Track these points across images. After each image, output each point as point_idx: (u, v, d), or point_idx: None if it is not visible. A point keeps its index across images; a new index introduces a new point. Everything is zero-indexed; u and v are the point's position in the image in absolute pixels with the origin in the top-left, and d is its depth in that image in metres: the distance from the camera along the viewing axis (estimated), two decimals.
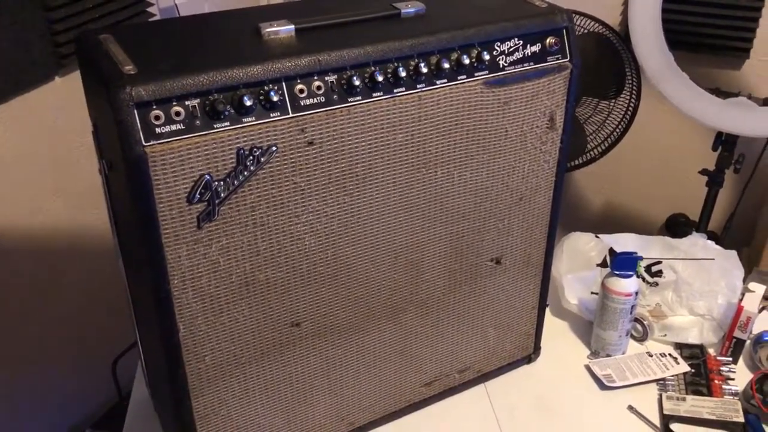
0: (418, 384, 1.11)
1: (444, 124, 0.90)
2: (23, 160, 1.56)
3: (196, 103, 0.73)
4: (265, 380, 0.94)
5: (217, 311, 0.85)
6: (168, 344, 0.84)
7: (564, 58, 0.96)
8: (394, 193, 0.91)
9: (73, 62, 1.56)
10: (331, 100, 0.81)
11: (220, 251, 0.81)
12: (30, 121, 1.53)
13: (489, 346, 1.15)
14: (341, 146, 0.83)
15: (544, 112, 0.98)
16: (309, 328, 0.93)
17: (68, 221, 1.65)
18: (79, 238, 1.68)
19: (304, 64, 0.78)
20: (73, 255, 1.69)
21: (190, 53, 0.80)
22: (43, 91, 1.53)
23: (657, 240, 1.45)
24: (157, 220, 0.75)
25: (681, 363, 1.21)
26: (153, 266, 0.78)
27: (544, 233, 1.10)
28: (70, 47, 1.53)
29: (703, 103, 1.38)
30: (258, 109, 0.77)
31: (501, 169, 0.99)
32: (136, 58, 0.75)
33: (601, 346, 1.24)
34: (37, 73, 1.50)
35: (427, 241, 0.98)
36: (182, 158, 0.74)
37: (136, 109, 0.70)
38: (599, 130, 1.67)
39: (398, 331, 1.03)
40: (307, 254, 0.88)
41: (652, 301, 1.32)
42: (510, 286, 1.11)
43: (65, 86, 1.59)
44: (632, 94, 1.61)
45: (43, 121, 1.56)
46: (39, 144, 1.57)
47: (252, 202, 0.80)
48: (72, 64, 1.57)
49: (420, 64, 0.85)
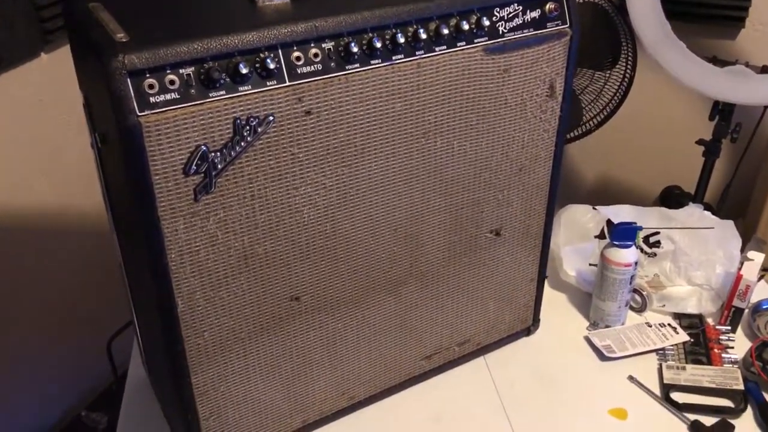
0: (418, 357, 1.10)
1: (443, 92, 0.88)
2: (10, 138, 1.53)
3: (190, 71, 0.71)
4: (264, 355, 0.92)
5: (215, 286, 0.83)
6: (166, 320, 0.82)
7: (564, 24, 0.94)
8: (394, 163, 0.89)
9: (59, 38, 1.53)
10: (328, 68, 0.79)
11: (218, 224, 0.80)
12: (16, 99, 1.50)
13: (489, 319, 1.15)
14: (339, 116, 0.82)
15: (544, 80, 0.96)
16: (309, 302, 0.92)
17: (57, 200, 1.62)
18: (68, 217, 1.66)
19: (301, 30, 0.76)
20: (63, 234, 1.66)
21: (183, 21, 0.78)
22: (28, 68, 1.50)
23: (654, 211, 1.44)
24: (153, 193, 0.74)
25: (680, 333, 1.21)
26: (149, 240, 0.76)
27: (543, 204, 1.09)
28: (56, 22, 1.50)
29: (700, 72, 1.37)
30: (254, 77, 0.75)
31: (501, 139, 0.97)
32: (127, 25, 0.73)
33: (600, 317, 1.24)
34: (22, 50, 1.46)
35: (427, 213, 0.96)
36: (178, 128, 0.72)
37: (129, 78, 0.68)
38: (595, 102, 1.66)
39: (398, 304, 1.02)
40: (305, 227, 0.86)
41: (650, 271, 1.32)
42: (509, 257, 1.10)
43: (51, 62, 1.55)
44: (627, 64, 1.59)
45: (29, 99, 1.53)
46: (26, 122, 1.54)
47: (249, 174, 0.79)
48: (58, 40, 1.53)
49: (419, 30, 0.83)
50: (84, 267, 1.70)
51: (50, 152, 1.61)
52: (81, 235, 1.67)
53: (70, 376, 1.79)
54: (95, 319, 1.61)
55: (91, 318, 1.72)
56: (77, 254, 1.70)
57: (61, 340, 1.74)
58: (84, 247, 1.69)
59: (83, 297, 1.74)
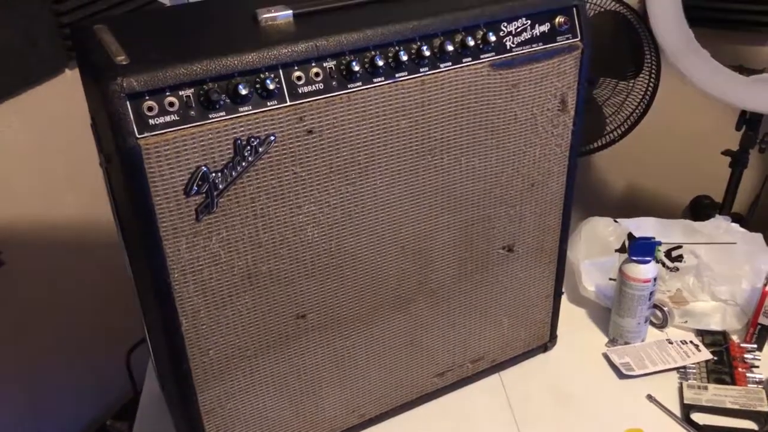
0: (430, 374, 1.09)
1: (449, 109, 0.87)
2: (36, 153, 1.56)
3: (190, 92, 0.72)
4: (272, 373, 0.92)
5: (219, 304, 0.83)
6: (171, 339, 0.83)
7: (575, 37, 0.93)
8: (399, 181, 0.88)
9: None
10: (330, 87, 0.78)
11: (221, 244, 0.80)
12: (41, 115, 1.53)
13: (503, 335, 1.13)
14: (342, 134, 0.81)
15: (555, 94, 0.95)
16: (315, 320, 0.92)
17: (82, 215, 1.65)
18: (92, 232, 1.68)
19: (301, 50, 0.76)
20: (87, 248, 1.69)
21: (184, 42, 0.79)
22: (53, 84, 1.53)
23: (678, 223, 1.41)
24: (155, 214, 0.74)
25: (703, 350, 1.18)
26: (152, 260, 0.77)
27: (557, 219, 1.07)
28: None
29: (725, 81, 1.33)
30: (254, 97, 0.75)
31: (511, 154, 0.96)
32: (129, 48, 0.73)
33: (619, 333, 1.21)
34: (46, 66, 1.49)
35: (436, 230, 0.95)
36: (177, 150, 0.72)
37: (128, 101, 0.69)
38: (618, 112, 1.63)
39: (408, 322, 1.01)
40: (310, 245, 0.86)
41: (673, 286, 1.29)
42: (523, 273, 1.09)
43: (75, 78, 1.57)
44: (651, 74, 1.56)
45: (53, 114, 1.56)
46: (50, 137, 1.57)
47: (251, 194, 0.79)
48: None
49: (422, 47, 0.82)
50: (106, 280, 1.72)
51: (75, 167, 1.64)
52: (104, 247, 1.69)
53: (93, 386, 1.82)
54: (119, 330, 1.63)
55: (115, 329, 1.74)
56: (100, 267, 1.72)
57: (88, 350, 1.77)
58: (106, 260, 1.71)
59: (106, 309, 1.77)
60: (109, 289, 1.74)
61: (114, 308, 1.76)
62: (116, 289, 1.75)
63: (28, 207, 1.57)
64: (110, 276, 1.73)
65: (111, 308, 1.76)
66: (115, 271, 1.74)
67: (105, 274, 1.72)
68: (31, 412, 1.69)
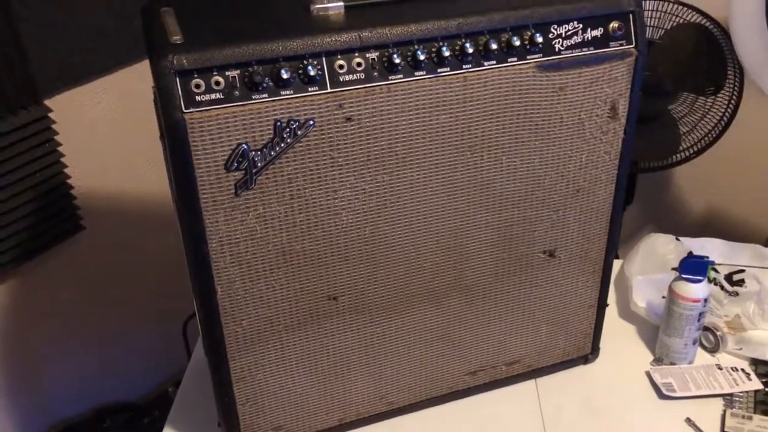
0: (461, 372, 1.09)
1: (491, 107, 0.88)
2: (121, 130, 1.67)
3: (236, 73, 0.76)
4: (301, 349, 0.96)
5: (254, 277, 0.88)
6: (206, 305, 0.88)
7: (629, 44, 0.91)
8: (437, 174, 0.90)
9: None
10: (371, 77, 0.81)
11: (257, 219, 0.84)
12: (128, 94, 1.64)
13: (541, 342, 1.12)
14: (380, 124, 0.84)
15: (605, 101, 0.94)
16: (346, 303, 0.95)
17: (157, 188, 1.75)
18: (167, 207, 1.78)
19: (345, 39, 0.79)
20: (160, 222, 1.79)
21: (237, 26, 0.83)
22: (141, 65, 1.63)
23: (747, 248, 1.35)
24: (197, 185, 0.79)
25: (753, 380, 1.13)
26: (192, 229, 0.82)
27: (604, 228, 1.05)
28: None
29: None
30: (296, 82, 0.78)
31: (555, 158, 0.95)
32: (186, 29, 0.79)
33: (665, 352, 1.17)
34: (136, 48, 1.59)
35: (472, 227, 0.96)
36: (220, 126, 0.77)
37: (177, 77, 0.74)
38: (694, 129, 1.57)
39: (441, 316, 1.02)
40: (344, 229, 0.89)
41: (731, 311, 1.23)
42: (564, 280, 1.07)
43: None
44: (733, 92, 1.50)
45: (140, 94, 1.66)
46: (135, 116, 1.68)
47: (289, 174, 0.82)
48: None
49: (466, 44, 0.83)
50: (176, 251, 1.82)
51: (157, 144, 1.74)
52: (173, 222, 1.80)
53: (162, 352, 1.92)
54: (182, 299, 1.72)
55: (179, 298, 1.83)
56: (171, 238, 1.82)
57: (156, 317, 1.88)
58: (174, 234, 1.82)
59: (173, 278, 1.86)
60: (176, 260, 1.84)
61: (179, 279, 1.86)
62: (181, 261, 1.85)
63: (111, 179, 1.69)
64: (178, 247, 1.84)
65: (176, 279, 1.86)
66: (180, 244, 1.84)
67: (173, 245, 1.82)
68: (99, 372, 1.81)
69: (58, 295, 1.68)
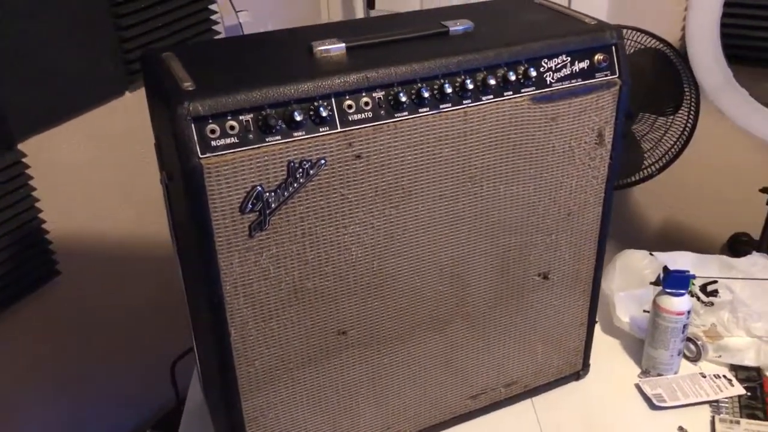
0: (463, 396, 1.11)
1: (490, 139, 0.92)
2: (95, 170, 1.64)
3: (249, 117, 0.77)
4: (312, 386, 0.96)
5: (267, 317, 0.88)
6: (220, 348, 0.88)
7: (613, 74, 0.96)
8: (440, 206, 0.93)
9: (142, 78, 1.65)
10: (378, 116, 0.84)
11: (270, 259, 0.85)
12: (102, 134, 1.62)
13: (536, 362, 1.15)
14: (388, 160, 0.86)
15: (593, 128, 0.98)
16: (355, 337, 0.96)
17: (134, 229, 1.73)
18: (143, 246, 1.76)
19: (353, 80, 0.81)
20: (138, 261, 1.77)
21: (245, 70, 0.85)
22: (114, 105, 1.62)
23: (715, 259, 1.42)
24: (212, 229, 0.79)
25: (736, 385, 1.18)
26: (207, 272, 0.82)
27: (593, 249, 1.10)
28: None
29: (763, 119, 1.35)
30: (308, 123, 0.80)
31: (548, 184, 0.99)
32: (194, 75, 0.80)
33: (652, 365, 1.22)
34: (109, 88, 1.58)
35: (473, 255, 0.99)
36: (236, 170, 0.78)
37: (193, 123, 0.75)
38: (656, 147, 1.65)
39: (444, 343, 1.04)
40: (353, 265, 0.90)
41: (707, 321, 1.29)
42: (558, 301, 1.11)
43: (134, 100, 1.67)
44: (690, 111, 1.58)
45: (113, 134, 1.65)
46: (109, 155, 1.66)
47: (301, 213, 0.84)
48: (141, 79, 1.65)
49: (466, 81, 0.87)
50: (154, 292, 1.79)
51: (130, 184, 1.72)
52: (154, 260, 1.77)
53: (137, 395, 1.88)
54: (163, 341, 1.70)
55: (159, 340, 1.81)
56: (148, 280, 1.80)
57: (134, 360, 1.84)
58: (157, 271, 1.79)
59: (152, 320, 1.84)
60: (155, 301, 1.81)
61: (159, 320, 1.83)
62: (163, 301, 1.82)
63: (86, 220, 1.66)
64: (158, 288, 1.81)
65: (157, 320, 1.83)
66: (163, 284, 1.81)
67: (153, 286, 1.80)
68: (77, 417, 1.76)
69: (33, 341, 1.63)
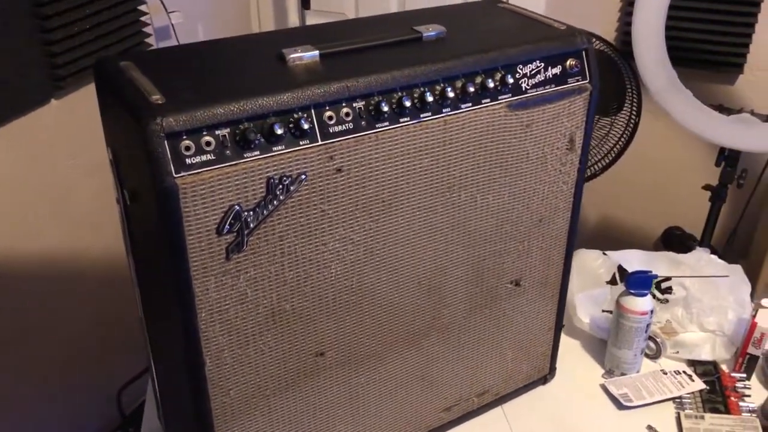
0: (437, 409, 1.09)
1: (468, 148, 0.89)
2: (21, 184, 1.52)
3: (226, 132, 0.72)
4: (289, 412, 0.91)
5: (243, 343, 0.83)
6: (194, 378, 0.81)
7: (584, 79, 0.96)
8: (419, 217, 0.90)
9: (69, 85, 1.53)
10: (359, 127, 0.79)
11: (248, 282, 0.79)
12: (26, 144, 1.50)
13: (507, 369, 1.14)
14: (369, 172, 0.82)
15: (564, 134, 0.98)
16: (333, 357, 0.92)
17: (66, 246, 1.61)
18: (76, 265, 1.64)
19: (334, 90, 0.77)
20: (72, 280, 1.65)
21: (214, 81, 0.79)
22: (39, 114, 1.50)
23: (663, 256, 1.45)
24: (186, 253, 0.73)
25: (696, 380, 1.21)
26: (181, 299, 0.76)
27: (561, 254, 1.09)
28: (68, 69, 1.50)
29: (708, 120, 1.39)
30: (288, 137, 0.75)
31: (522, 192, 0.98)
32: (160, 86, 0.73)
33: (616, 364, 1.23)
34: (33, 96, 1.46)
35: (450, 265, 0.96)
36: (213, 189, 0.72)
37: (166, 140, 0.68)
38: (599, 146, 1.68)
39: (420, 357, 1.01)
40: (332, 282, 0.86)
41: (663, 317, 1.32)
42: (528, 307, 1.10)
43: (61, 108, 1.55)
44: (632, 109, 1.62)
45: (39, 145, 1.53)
46: (35, 167, 1.54)
47: (280, 232, 0.79)
48: (69, 86, 1.54)
49: (446, 89, 0.84)
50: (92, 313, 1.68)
51: (59, 197, 1.60)
52: (90, 280, 1.66)
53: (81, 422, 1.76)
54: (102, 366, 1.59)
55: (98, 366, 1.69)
56: (86, 300, 1.68)
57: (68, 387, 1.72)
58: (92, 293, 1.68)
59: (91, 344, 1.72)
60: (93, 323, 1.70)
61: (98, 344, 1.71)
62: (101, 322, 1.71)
63: (13, 237, 1.53)
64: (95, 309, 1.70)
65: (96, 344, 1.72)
66: (101, 304, 1.71)
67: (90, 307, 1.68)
68: None
69: None
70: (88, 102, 1.61)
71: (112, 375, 1.39)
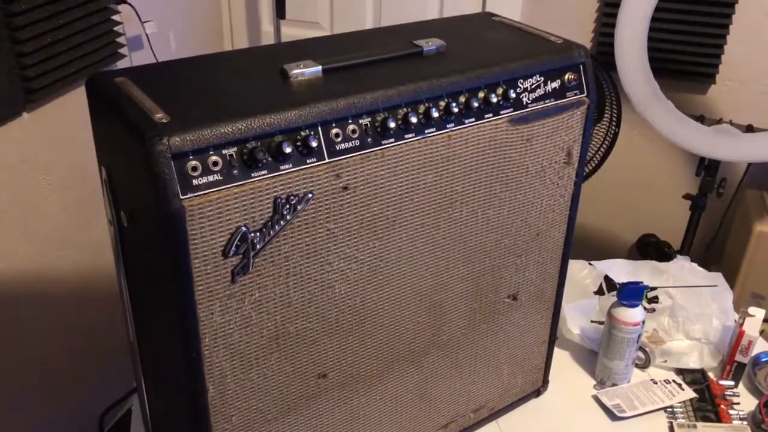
0: (435, 427, 1.07)
1: (470, 162, 0.88)
2: None
3: (233, 151, 0.69)
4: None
5: (246, 368, 0.80)
6: (196, 406, 0.78)
7: (582, 93, 0.96)
8: (421, 234, 0.88)
9: (41, 98, 1.48)
10: (365, 144, 0.78)
11: (253, 305, 0.77)
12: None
13: (503, 383, 1.13)
14: (374, 190, 0.80)
15: (562, 148, 0.97)
16: (335, 379, 0.89)
17: (37, 263, 1.55)
18: (50, 286, 1.58)
19: (341, 107, 0.75)
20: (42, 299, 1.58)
21: (218, 98, 0.76)
22: (9, 127, 1.44)
23: (645, 264, 1.47)
24: (192, 277, 0.70)
25: (686, 389, 1.22)
26: (185, 325, 0.73)
27: (557, 267, 1.09)
28: (40, 81, 1.45)
29: (689, 131, 1.41)
30: (295, 155, 0.73)
31: (521, 205, 0.98)
32: (162, 103, 0.70)
33: (607, 375, 1.24)
34: (4, 109, 1.41)
35: (450, 281, 0.95)
36: (220, 210, 0.69)
37: (173, 161, 0.66)
38: None
39: (419, 375, 1.00)
40: (336, 302, 0.84)
41: (649, 327, 1.33)
42: (524, 321, 1.10)
43: (33, 122, 1.50)
44: (612, 119, 1.63)
45: (9, 159, 1.47)
46: (4, 183, 1.48)
47: (286, 252, 0.76)
48: (40, 99, 1.48)
49: (451, 104, 0.83)
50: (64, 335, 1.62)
51: (29, 215, 1.54)
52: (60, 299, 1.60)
53: None
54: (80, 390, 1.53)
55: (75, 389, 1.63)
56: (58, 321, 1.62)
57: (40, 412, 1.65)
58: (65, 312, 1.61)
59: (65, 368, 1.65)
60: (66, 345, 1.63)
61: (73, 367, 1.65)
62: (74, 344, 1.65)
63: None
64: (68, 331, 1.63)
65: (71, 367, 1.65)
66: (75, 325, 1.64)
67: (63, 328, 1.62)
68: None
69: None
70: (61, 115, 1.56)
71: (88, 398, 1.33)
